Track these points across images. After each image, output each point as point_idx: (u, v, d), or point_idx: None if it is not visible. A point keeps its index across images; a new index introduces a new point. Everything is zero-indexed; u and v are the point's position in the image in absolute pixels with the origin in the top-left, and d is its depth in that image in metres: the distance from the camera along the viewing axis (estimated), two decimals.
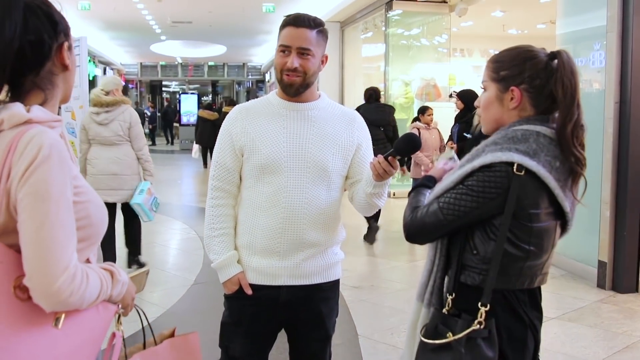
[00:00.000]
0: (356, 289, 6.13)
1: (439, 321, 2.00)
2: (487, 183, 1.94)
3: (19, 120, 1.55)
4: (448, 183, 2.04)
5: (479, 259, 1.99)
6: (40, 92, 1.66)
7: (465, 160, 2.06)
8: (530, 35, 15.29)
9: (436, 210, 2.01)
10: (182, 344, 2.05)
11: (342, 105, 2.73)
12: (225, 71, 36.43)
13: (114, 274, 1.72)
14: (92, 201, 1.67)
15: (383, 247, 8.35)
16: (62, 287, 1.48)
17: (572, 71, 1.98)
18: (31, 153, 1.50)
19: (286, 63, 2.45)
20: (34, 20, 1.60)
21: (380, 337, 4.84)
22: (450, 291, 2.03)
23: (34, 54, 1.61)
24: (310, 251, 2.52)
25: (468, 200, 1.96)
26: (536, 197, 1.95)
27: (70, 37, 1.71)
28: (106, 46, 25.61)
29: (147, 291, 5.84)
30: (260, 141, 2.49)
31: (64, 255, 1.50)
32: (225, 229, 2.56)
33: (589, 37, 6.54)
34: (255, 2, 15.85)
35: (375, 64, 16.52)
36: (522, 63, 2.04)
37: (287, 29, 2.47)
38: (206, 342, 4.50)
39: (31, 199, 1.49)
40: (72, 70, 1.73)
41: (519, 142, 1.97)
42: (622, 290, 5.98)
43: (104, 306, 1.70)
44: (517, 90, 2.04)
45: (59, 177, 1.52)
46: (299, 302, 2.55)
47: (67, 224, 1.52)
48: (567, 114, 1.98)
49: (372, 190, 2.49)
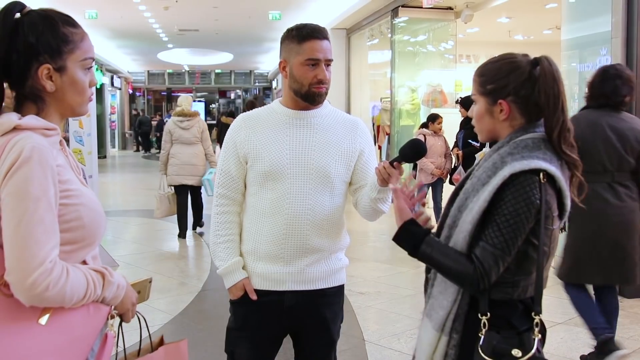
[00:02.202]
0: (362, 295, 6.14)
1: (495, 341, 1.94)
2: (526, 200, 1.91)
3: (8, 127, 1.63)
4: (477, 208, 1.96)
5: (510, 273, 1.98)
6: (32, 104, 1.73)
7: (485, 175, 2.01)
8: (536, 41, 15.26)
9: (493, 252, 1.93)
10: (174, 351, 2.10)
11: (344, 112, 2.75)
12: (232, 79, 36.53)
13: (105, 276, 1.75)
14: (85, 204, 1.72)
15: (389, 253, 8.36)
16: (37, 281, 1.54)
17: (553, 78, 2.00)
18: (13, 155, 1.58)
19: (316, 75, 2.47)
20: (16, 39, 1.68)
21: (387, 342, 4.85)
22: (484, 312, 1.98)
23: (6, 72, 1.69)
24: (314, 257, 2.54)
25: (519, 226, 1.92)
26: (554, 201, 1.97)
27: (63, 59, 1.72)
28: (113, 54, 25.72)
29: (154, 298, 5.85)
30: (263, 149, 2.51)
31: (40, 251, 1.56)
32: (231, 236, 2.59)
33: (595, 43, 6.55)
34: (261, 10, 15.89)
35: (381, 70, 16.50)
36: (506, 76, 2.05)
37: (313, 42, 2.47)
38: (213, 347, 4.55)
39: (11, 198, 1.56)
40: (67, 91, 1.75)
41: (534, 149, 1.98)
42: (629, 295, 5.94)
43: (95, 307, 1.74)
44: (504, 103, 2.05)
45: (39, 177, 1.58)
46: (303, 307, 2.56)
47: (46, 222, 1.58)
48: (552, 120, 1.99)
49: (376, 195, 2.51)
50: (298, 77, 2.50)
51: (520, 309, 2.01)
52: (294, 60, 2.50)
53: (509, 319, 1.99)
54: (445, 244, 2.04)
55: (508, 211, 1.92)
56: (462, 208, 2.04)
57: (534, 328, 1.97)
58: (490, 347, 1.94)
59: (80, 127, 7.37)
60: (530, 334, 1.96)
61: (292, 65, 2.51)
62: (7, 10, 1.70)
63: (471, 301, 2.03)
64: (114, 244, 8.70)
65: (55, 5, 1.86)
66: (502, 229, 1.93)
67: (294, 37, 2.51)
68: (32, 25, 1.69)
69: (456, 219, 2.05)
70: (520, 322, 2.00)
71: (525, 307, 2.02)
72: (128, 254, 8.12)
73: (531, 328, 1.98)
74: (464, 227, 1.99)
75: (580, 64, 6.99)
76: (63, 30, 1.72)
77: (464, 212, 2.02)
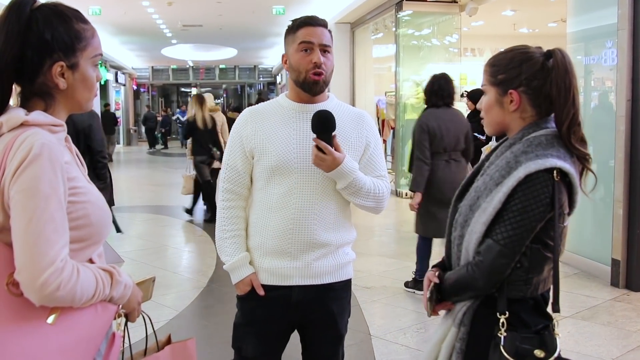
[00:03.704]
0: (368, 290, 6.14)
1: (518, 341, 1.93)
2: (535, 198, 1.90)
3: (16, 123, 1.61)
4: (491, 210, 1.95)
5: (524, 271, 1.96)
6: (40, 100, 1.70)
7: (499, 175, 1.98)
8: (541, 34, 15.22)
9: (501, 250, 1.93)
10: (181, 350, 2.08)
11: (350, 105, 2.74)
12: (237, 74, 36.53)
13: (114, 275, 1.74)
14: (92, 202, 1.70)
15: (395, 247, 8.35)
16: (48, 280, 1.52)
17: (566, 70, 1.98)
18: (23, 152, 1.55)
19: (311, 60, 2.46)
20: (29, 35, 1.64)
21: (393, 337, 4.84)
22: (502, 311, 1.97)
23: (19, 67, 1.66)
24: (321, 251, 2.53)
25: (526, 223, 1.91)
26: (565, 198, 1.95)
27: (76, 56, 1.70)
28: (117, 50, 25.73)
29: (160, 294, 5.89)
30: (270, 143, 2.50)
31: (51, 250, 1.53)
32: (237, 231, 2.58)
33: (601, 35, 6.51)
34: (265, 5, 15.87)
35: (386, 64, 16.49)
36: (518, 65, 2.03)
37: (305, 29, 2.48)
38: (219, 343, 4.55)
39: (21, 196, 1.54)
40: (78, 88, 1.73)
41: (548, 147, 1.96)
42: (636, 288, 5.94)
43: (102, 306, 1.72)
44: (515, 93, 2.04)
45: (49, 175, 1.55)
46: (310, 302, 2.55)
47: (57, 220, 1.56)
48: (562, 113, 1.98)
49: (337, 186, 2.50)
50: (295, 64, 2.50)
51: (531, 304, 2.01)
52: (291, 50, 2.52)
53: (521, 316, 1.98)
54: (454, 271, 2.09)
55: (517, 208, 1.91)
56: (474, 207, 2.02)
57: (554, 327, 1.96)
58: (514, 348, 1.92)
59: None
60: (550, 333, 1.96)
61: (290, 54, 2.53)
62: (21, 4, 1.66)
63: (484, 298, 2.02)
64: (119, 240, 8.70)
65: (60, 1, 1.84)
66: (508, 225, 1.92)
67: (290, 28, 2.54)
68: (47, 21, 1.66)
69: (468, 218, 2.04)
70: (533, 319, 1.99)
71: (535, 302, 2.01)
72: (134, 250, 8.13)
73: (547, 326, 1.97)
74: (476, 227, 1.99)
75: (586, 56, 6.95)
76: (76, 27, 1.71)
77: (476, 212, 2.01)
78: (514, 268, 1.96)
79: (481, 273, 1.97)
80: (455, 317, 2.06)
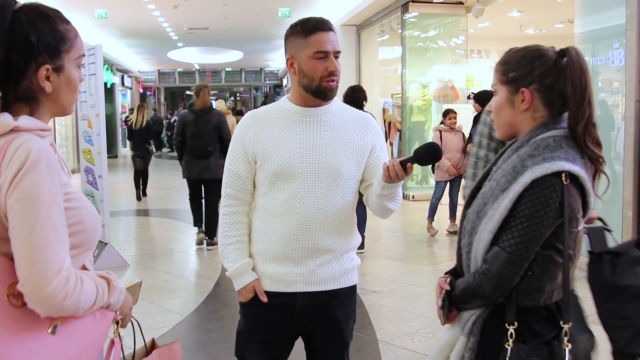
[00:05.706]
0: (375, 294, 6.09)
1: (524, 354, 1.88)
2: (543, 203, 1.83)
3: (6, 129, 1.56)
4: (498, 217, 1.90)
5: (535, 278, 1.91)
6: (24, 105, 1.65)
7: (505, 180, 1.93)
8: (548, 35, 15.15)
9: (508, 258, 1.87)
10: (167, 353, 2.06)
11: (353, 108, 2.69)
12: (243, 77, 36.60)
13: (111, 282, 1.71)
14: (85, 207, 1.67)
15: (402, 250, 8.31)
16: (55, 290, 1.48)
17: (581, 68, 1.92)
18: (19, 159, 1.50)
19: (327, 67, 2.41)
20: (13, 37, 1.59)
21: (401, 342, 4.80)
22: (511, 321, 1.91)
23: (3, 70, 1.60)
24: (325, 257, 2.48)
25: (534, 230, 1.85)
26: (578, 202, 1.88)
27: (61, 58, 1.66)
28: (123, 54, 25.80)
29: (165, 298, 5.87)
30: (273, 147, 2.46)
31: (57, 259, 1.49)
32: (239, 237, 2.54)
33: (608, 36, 6.47)
34: (270, 8, 15.89)
35: (392, 66, 16.47)
36: (530, 62, 1.97)
37: (319, 34, 2.42)
38: (225, 349, 4.51)
39: (21, 205, 1.49)
40: (62, 91, 1.69)
41: (555, 149, 1.89)
42: None
43: (101, 313, 1.70)
44: (527, 91, 1.97)
45: (48, 182, 1.51)
46: (315, 308, 2.51)
47: (59, 228, 1.52)
48: (577, 113, 1.91)
49: (380, 192, 2.45)
50: (308, 71, 2.44)
51: (544, 314, 1.94)
52: (302, 55, 2.44)
53: (532, 326, 1.92)
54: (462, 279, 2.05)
55: (524, 214, 1.85)
56: (481, 214, 1.97)
57: (563, 338, 1.88)
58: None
59: (89, 127, 7.30)
60: (560, 344, 1.88)
61: (301, 60, 2.45)
62: (3, 6, 1.60)
63: (494, 307, 1.96)
64: (125, 244, 8.70)
65: (65, 5, 1.80)
66: (515, 232, 1.87)
67: (299, 31, 2.46)
68: (31, 22, 1.61)
69: (475, 225, 1.98)
70: (545, 329, 1.92)
71: (549, 312, 1.95)
72: (139, 254, 8.11)
73: (558, 336, 1.90)
74: (484, 235, 1.93)
75: (594, 57, 6.90)
76: (60, 28, 1.66)
77: (483, 219, 1.95)
78: (524, 276, 1.90)
79: (488, 281, 1.92)
80: (464, 325, 2.00)
